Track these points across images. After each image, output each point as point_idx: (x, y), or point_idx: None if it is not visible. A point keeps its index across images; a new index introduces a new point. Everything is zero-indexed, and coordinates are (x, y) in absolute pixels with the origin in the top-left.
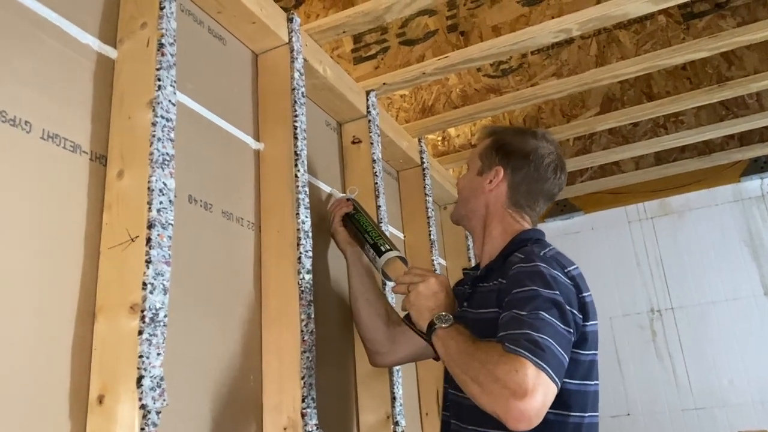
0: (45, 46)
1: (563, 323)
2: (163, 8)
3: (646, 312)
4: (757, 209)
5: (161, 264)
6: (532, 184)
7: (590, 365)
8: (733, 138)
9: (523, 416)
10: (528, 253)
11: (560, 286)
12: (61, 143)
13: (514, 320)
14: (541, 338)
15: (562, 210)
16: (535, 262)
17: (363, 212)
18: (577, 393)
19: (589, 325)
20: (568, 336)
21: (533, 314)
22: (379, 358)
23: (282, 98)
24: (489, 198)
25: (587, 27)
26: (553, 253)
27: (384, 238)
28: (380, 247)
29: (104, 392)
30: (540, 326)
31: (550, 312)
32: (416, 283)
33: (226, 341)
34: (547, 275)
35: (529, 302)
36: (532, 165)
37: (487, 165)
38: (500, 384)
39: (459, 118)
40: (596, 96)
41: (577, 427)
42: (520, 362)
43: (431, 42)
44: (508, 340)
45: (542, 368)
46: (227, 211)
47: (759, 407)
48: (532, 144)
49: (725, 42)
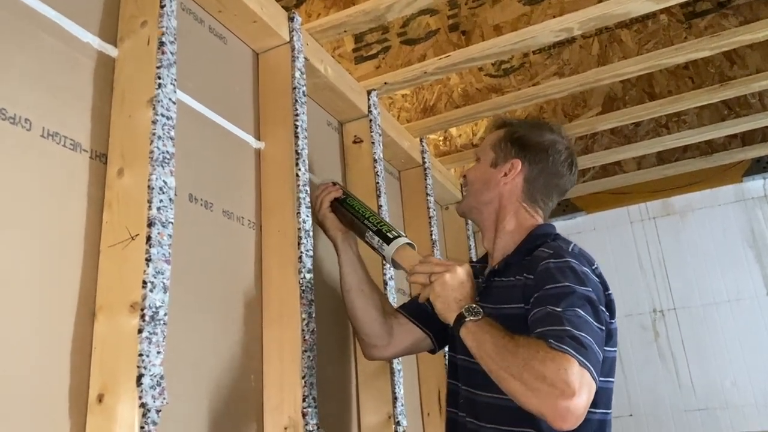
0: (45, 45)
1: (597, 321)
2: (163, 6)
3: (649, 312)
4: (759, 209)
5: (161, 262)
6: (549, 179)
7: (612, 362)
8: (736, 138)
9: (570, 416)
10: (556, 248)
11: (591, 282)
12: (61, 141)
13: (552, 316)
14: (582, 336)
15: (564, 210)
16: (565, 258)
17: (354, 196)
18: (603, 390)
19: (613, 322)
20: (601, 333)
21: (570, 311)
22: (376, 351)
23: (283, 97)
24: (503, 191)
25: (588, 26)
26: (578, 249)
27: (386, 222)
28: (387, 233)
29: (104, 391)
30: (579, 324)
31: (584, 309)
32: (440, 273)
33: (226, 340)
34: (579, 271)
35: (563, 298)
36: (550, 159)
37: (502, 157)
38: (547, 383)
39: (460, 118)
40: (598, 95)
41: (602, 423)
42: (567, 360)
43: (432, 41)
44: (552, 337)
45: (586, 367)
46: (228, 210)
47: (762, 408)
48: (550, 138)
49: (727, 41)
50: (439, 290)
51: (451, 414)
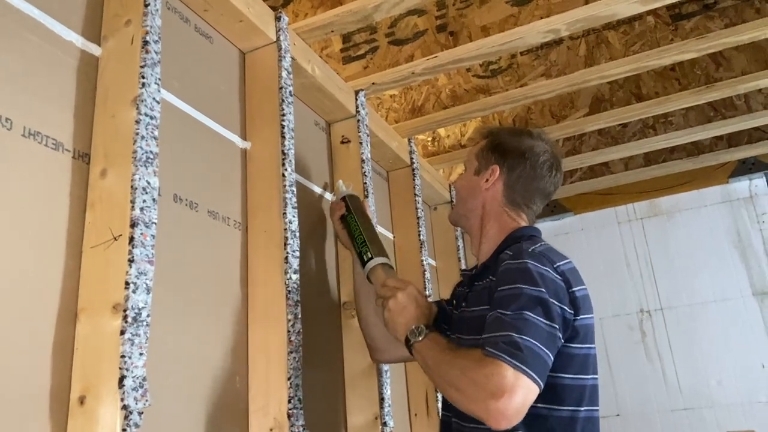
0: (27, 43)
1: (548, 320)
2: (147, 5)
3: (636, 313)
4: (745, 210)
5: (144, 263)
6: (528, 182)
7: (585, 359)
8: (722, 139)
9: (502, 415)
10: (517, 250)
11: (547, 282)
12: (42, 141)
13: (497, 321)
14: (521, 339)
15: (552, 211)
16: (522, 259)
17: (355, 212)
18: (572, 387)
19: (580, 318)
20: (554, 332)
21: (516, 314)
22: (378, 354)
23: (269, 97)
24: (486, 197)
25: (576, 27)
26: (542, 249)
27: (368, 243)
28: (362, 256)
29: (86, 393)
30: (522, 326)
31: (534, 310)
32: (387, 298)
33: (211, 341)
34: (533, 272)
35: (513, 301)
36: (527, 163)
37: (484, 164)
38: (479, 387)
39: (449, 119)
40: (585, 97)
41: (572, 420)
42: (497, 365)
43: (420, 42)
44: (487, 344)
45: (520, 369)
46: (213, 211)
47: (747, 407)
48: (528, 143)
49: (713, 43)
50: (387, 317)
51: (444, 416)
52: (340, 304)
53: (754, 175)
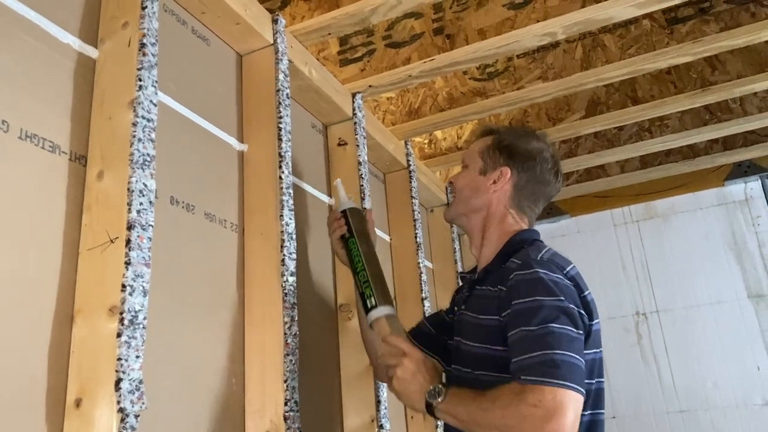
0: (24, 45)
1: (574, 327)
2: (145, 8)
3: (632, 315)
4: (740, 213)
5: (141, 266)
6: (536, 186)
7: (593, 363)
8: (717, 142)
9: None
10: (525, 258)
11: (563, 289)
12: (39, 143)
13: (524, 341)
14: (555, 354)
15: (548, 213)
16: (533, 269)
17: (358, 237)
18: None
19: (594, 323)
20: (581, 338)
21: (542, 328)
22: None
23: (266, 99)
24: (492, 198)
25: (572, 31)
26: (549, 255)
27: (373, 285)
28: (366, 300)
29: (82, 395)
30: (551, 341)
31: (559, 321)
32: (393, 366)
33: (208, 344)
34: (548, 281)
35: (535, 315)
36: (537, 167)
37: (491, 165)
38: (528, 418)
39: (445, 121)
40: (582, 100)
41: (590, 425)
42: (539, 391)
43: (417, 45)
44: (521, 371)
45: (564, 386)
46: (210, 213)
47: (742, 410)
48: (537, 146)
49: (708, 47)
50: (398, 388)
51: None
52: (337, 306)
53: (750, 178)
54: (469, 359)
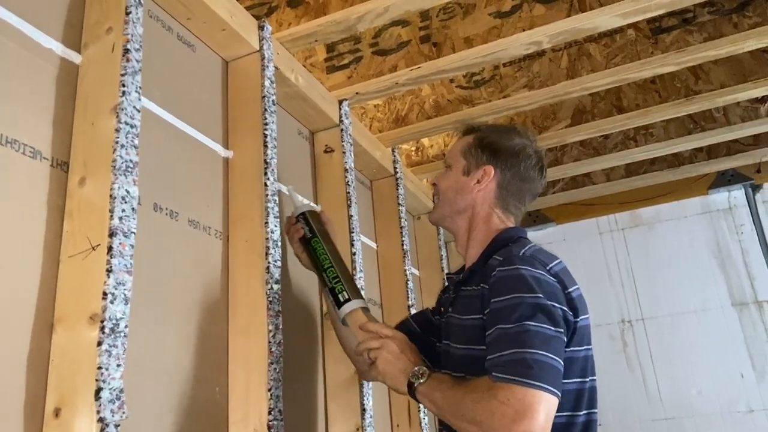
0: (6, 50)
1: (553, 325)
2: (129, 13)
3: (617, 323)
4: (724, 221)
5: (123, 273)
6: (521, 184)
7: (585, 361)
8: (702, 151)
9: None
10: (507, 255)
11: (544, 286)
12: (20, 149)
13: (500, 338)
14: (528, 353)
15: (534, 221)
16: (515, 265)
17: (321, 236)
18: (570, 392)
19: (580, 320)
20: (560, 337)
21: (518, 326)
22: (363, 375)
23: (252, 106)
24: (476, 198)
25: (558, 40)
26: (532, 251)
27: (343, 280)
28: (337, 294)
29: (61, 405)
30: (526, 339)
31: (536, 318)
32: (377, 349)
33: (191, 352)
34: (528, 278)
35: (512, 312)
36: (521, 164)
37: (474, 164)
38: (497, 416)
39: (432, 129)
40: (567, 108)
41: (568, 427)
42: (509, 389)
43: (404, 52)
44: (494, 368)
45: (535, 386)
46: (194, 220)
47: (727, 417)
48: (520, 142)
49: (692, 56)
50: (382, 368)
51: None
52: (322, 314)
53: (733, 187)
54: (459, 362)
